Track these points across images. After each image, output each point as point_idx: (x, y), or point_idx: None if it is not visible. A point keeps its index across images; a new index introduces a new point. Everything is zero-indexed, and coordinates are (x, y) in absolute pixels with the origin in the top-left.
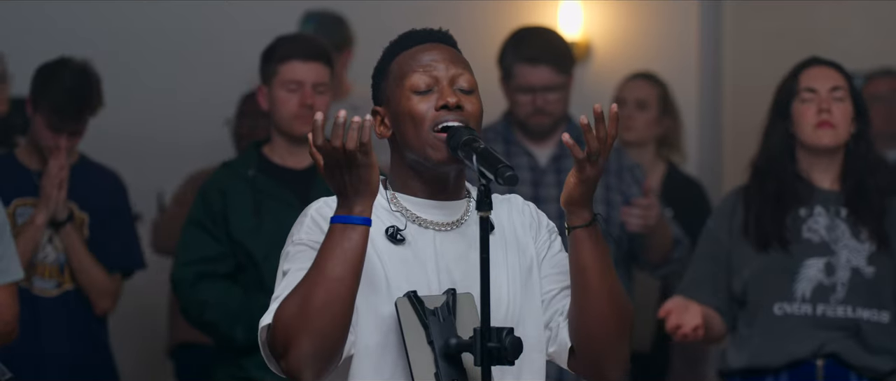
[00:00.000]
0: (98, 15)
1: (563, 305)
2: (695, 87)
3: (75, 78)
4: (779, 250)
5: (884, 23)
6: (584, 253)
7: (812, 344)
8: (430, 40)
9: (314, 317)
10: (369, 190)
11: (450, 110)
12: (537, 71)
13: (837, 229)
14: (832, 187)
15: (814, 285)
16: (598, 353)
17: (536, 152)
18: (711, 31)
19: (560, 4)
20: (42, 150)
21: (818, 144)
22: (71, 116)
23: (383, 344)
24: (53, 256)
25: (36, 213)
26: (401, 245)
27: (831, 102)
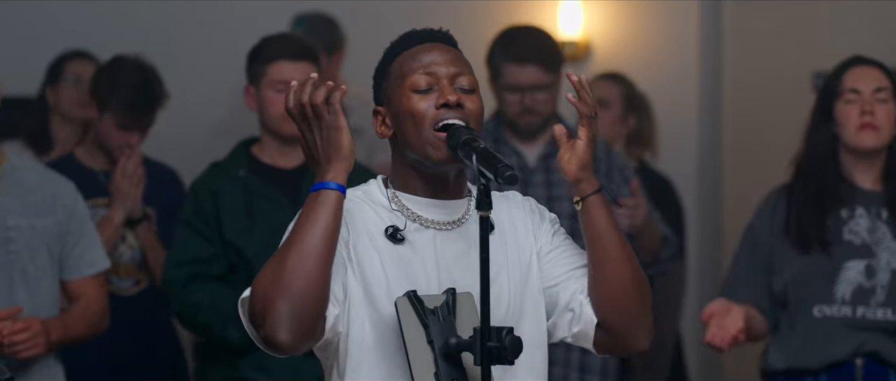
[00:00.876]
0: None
1: (581, 284)
2: (695, 87)
3: (138, 74)
4: (819, 252)
5: (884, 22)
6: (600, 219)
7: (851, 345)
8: (431, 40)
9: (287, 279)
10: (340, 155)
11: (450, 109)
12: (525, 70)
13: (878, 230)
14: (874, 188)
15: (854, 287)
16: (626, 320)
17: (525, 152)
18: (711, 31)
19: (560, 4)
20: (104, 150)
21: (861, 146)
22: (143, 113)
23: (382, 343)
24: (129, 254)
25: (112, 212)
26: (401, 244)
27: (875, 103)
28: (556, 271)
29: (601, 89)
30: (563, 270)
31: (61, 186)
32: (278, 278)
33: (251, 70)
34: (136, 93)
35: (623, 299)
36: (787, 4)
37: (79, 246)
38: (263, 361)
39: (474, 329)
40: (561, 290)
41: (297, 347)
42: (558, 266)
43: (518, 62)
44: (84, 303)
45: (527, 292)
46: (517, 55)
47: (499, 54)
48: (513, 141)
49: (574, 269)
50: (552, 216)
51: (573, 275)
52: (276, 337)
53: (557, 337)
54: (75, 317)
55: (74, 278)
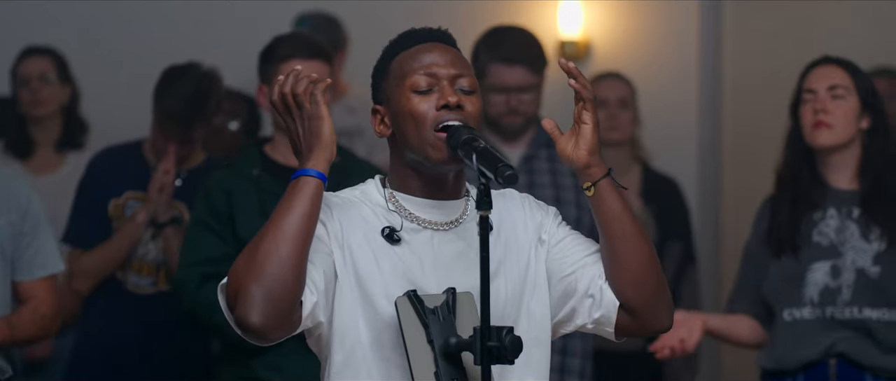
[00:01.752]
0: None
1: (597, 269)
2: (695, 87)
3: (194, 86)
4: (790, 257)
5: (884, 22)
6: (613, 201)
7: (822, 345)
8: (431, 40)
9: (261, 263)
10: (321, 143)
11: (450, 110)
12: (513, 71)
13: (847, 230)
14: (849, 187)
15: (820, 288)
16: (648, 297)
17: (507, 153)
18: (711, 31)
19: (560, 4)
20: (158, 149)
21: (816, 145)
22: (181, 125)
23: (378, 343)
24: (154, 254)
25: (139, 210)
26: (397, 245)
27: (828, 100)
28: (570, 260)
29: (620, 88)
30: (577, 257)
31: (16, 185)
32: (252, 261)
33: (264, 69)
34: (180, 104)
35: (644, 276)
36: (787, 4)
37: (32, 247)
38: (276, 361)
39: (474, 329)
40: (578, 278)
41: (271, 331)
42: (571, 255)
43: (506, 63)
44: (33, 305)
45: (525, 290)
46: (505, 56)
47: (485, 54)
48: (495, 141)
49: (588, 255)
50: (554, 210)
51: (587, 262)
52: (248, 320)
53: (576, 325)
54: (23, 319)
55: (26, 279)
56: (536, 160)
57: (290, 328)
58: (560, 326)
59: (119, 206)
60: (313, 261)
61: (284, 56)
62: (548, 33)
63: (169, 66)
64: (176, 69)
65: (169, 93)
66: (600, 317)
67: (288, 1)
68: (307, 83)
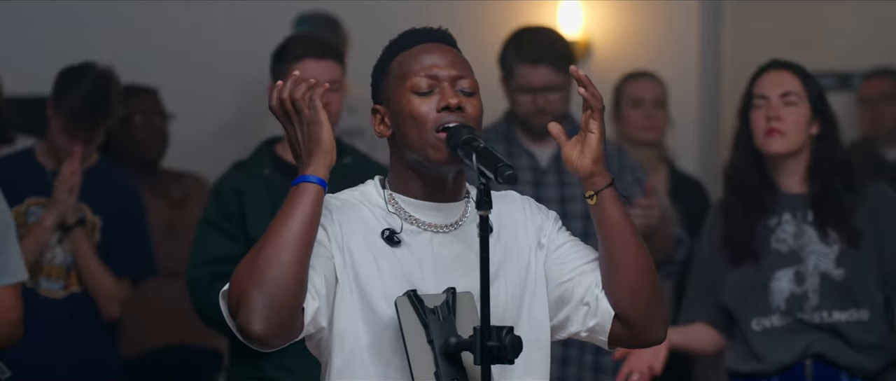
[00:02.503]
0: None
1: (594, 278)
2: (695, 87)
3: (96, 84)
4: (751, 265)
5: (884, 22)
6: (615, 212)
7: (797, 347)
8: (431, 40)
9: (262, 270)
10: (320, 149)
11: (451, 112)
12: (538, 71)
13: (805, 234)
14: (800, 190)
15: (786, 295)
16: (643, 310)
17: (537, 152)
18: (711, 30)
19: (560, 4)
20: (58, 151)
21: (768, 152)
22: (87, 123)
23: (377, 345)
24: (61, 257)
25: (45, 214)
26: (397, 247)
27: (781, 108)
28: (568, 267)
29: (655, 89)
30: (575, 264)
31: None
32: (253, 268)
33: (276, 69)
34: (85, 102)
35: (640, 289)
36: (787, 4)
37: (2, 255)
38: (287, 361)
39: (474, 329)
40: (575, 285)
41: (272, 339)
42: (569, 262)
43: (531, 63)
44: (0, 312)
45: (525, 292)
46: (530, 56)
47: (512, 55)
48: (525, 141)
49: (585, 263)
50: (554, 214)
51: (585, 269)
52: (250, 328)
53: (570, 332)
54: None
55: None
56: None
57: (293, 335)
58: (553, 332)
59: (21, 213)
60: (314, 266)
61: (297, 56)
62: None
63: (64, 67)
64: (72, 70)
65: (70, 92)
66: (595, 326)
67: (288, 1)
68: (305, 88)
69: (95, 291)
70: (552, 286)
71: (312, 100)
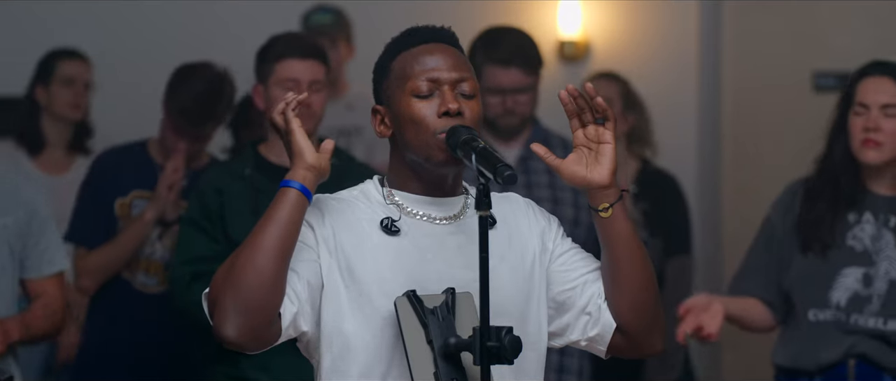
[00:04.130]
0: (92, 15)
1: (597, 288)
2: (695, 87)
3: (207, 84)
4: (819, 255)
5: (884, 22)
6: (625, 225)
7: (842, 347)
8: (433, 40)
9: (237, 274)
10: (297, 154)
11: (451, 117)
12: (509, 73)
13: (882, 238)
14: (888, 193)
15: (850, 294)
16: (645, 322)
17: (503, 153)
18: (711, 30)
19: (559, 4)
20: (167, 148)
21: (863, 161)
22: (193, 123)
23: (379, 339)
24: (160, 253)
25: (146, 209)
26: (396, 236)
27: (881, 118)
28: (572, 275)
29: (602, 89)
30: (580, 273)
31: (24, 184)
32: (230, 273)
33: (260, 69)
34: (194, 101)
35: (643, 303)
36: (787, 4)
37: (40, 245)
38: (265, 361)
39: (474, 329)
40: (578, 294)
41: (247, 343)
42: (574, 270)
43: (501, 65)
44: (44, 301)
45: (530, 291)
46: (500, 58)
47: (481, 55)
48: (491, 142)
49: (588, 272)
50: (556, 220)
51: (588, 279)
52: (223, 331)
53: (568, 339)
54: (36, 316)
55: (35, 276)
56: (533, 160)
57: (270, 339)
58: (551, 338)
59: (125, 205)
60: (297, 270)
61: (280, 55)
62: (547, 33)
63: (181, 64)
64: (188, 67)
65: (182, 90)
66: (595, 336)
67: (289, 1)
68: (282, 106)
69: None
70: (554, 292)
71: (285, 113)
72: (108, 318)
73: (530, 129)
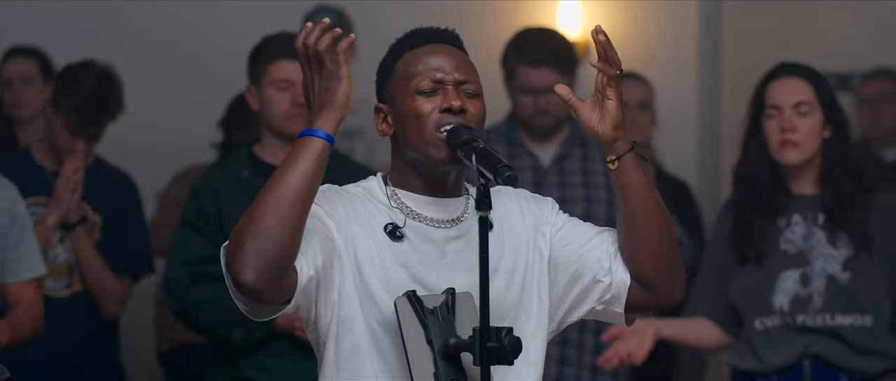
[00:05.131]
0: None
1: (602, 250)
2: (694, 86)
3: (97, 82)
4: (757, 264)
5: (884, 23)
6: (636, 175)
7: (796, 349)
8: (437, 41)
9: (258, 219)
10: (334, 103)
11: (453, 114)
12: (540, 72)
13: (813, 237)
14: (812, 192)
15: (791, 297)
16: (665, 269)
17: (539, 153)
18: (711, 30)
19: (559, 4)
20: (58, 150)
21: (783, 162)
22: (90, 121)
23: (380, 340)
24: (64, 256)
25: (47, 213)
26: (400, 242)
27: (795, 118)
28: (574, 246)
29: (640, 91)
30: (580, 242)
31: (3, 188)
32: (249, 219)
33: (253, 70)
34: (87, 99)
35: (662, 251)
36: (786, 4)
37: (19, 249)
38: (265, 361)
39: (474, 329)
40: (585, 263)
41: (264, 290)
42: (574, 241)
43: (532, 64)
44: (25, 306)
45: (524, 287)
46: (531, 57)
47: (513, 56)
48: (527, 142)
49: (590, 239)
50: (551, 200)
51: (591, 245)
52: (241, 276)
53: (586, 309)
54: (20, 320)
55: (13, 281)
56: (569, 160)
57: (284, 292)
58: (571, 312)
59: None
60: (312, 241)
61: (273, 56)
62: None
63: (65, 65)
64: (73, 68)
65: (74, 90)
66: (610, 297)
67: (292, 1)
68: (329, 39)
69: (98, 289)
70: (562, 269)
71: (335, 53)
72: None
73: (568, 128)
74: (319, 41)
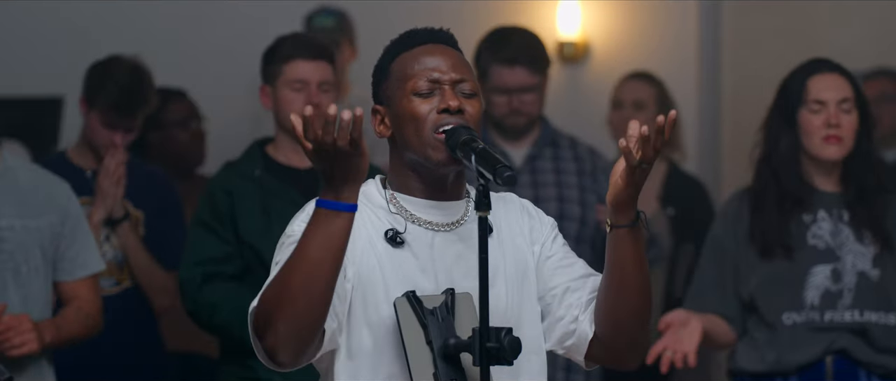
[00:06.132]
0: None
1: (578, 296)
2: (694, 86)
3: (129, 75)
4: (783, 258)
5: (884, 22)
6: (625, 251)
7: (820, 346)
8: (432, 41)
9: (291, 298)
10: (358, 177)
11: (451, 114)
12: (514, 72)
13: (841, 233)
14: (834, 190)
15: (821, 292)
16: (625, 342)
17: (511, 153)
18: (711, 30)
19: (559, 4)
20: (95, 149)
21: (825, 157)
22: (127, 113)
23: (380, 347)
24: (111, 253)
25: (93, 211)
26: (400, 248)
27: (840, 114)
28: (554, 282)
29: (638, 90)
30: (562, 280)
31: (56, 186)
32: (283, 297)
33: (267, 70)
34: (122, 92)
35: (628, 324)
36: (786, 4)
37: (73, 248)
38: None
39: (473, 330)
40: (558, 301)
41: (297, 364)
42: (556, 276)
43: (507, 64)
44: (77, 304)
45: (524, 296)
46: (506, 57)
47: (487, 56)
48: (499, 142)
49: (572, 280)
50: (552, 221)
51: (571, 287)
52: (277, 356)
53: (547, 346)
54: (68, 319)
55: (68, 279)
56: (540, 160)
57: (313, 356)
58: None
59: None
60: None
61: (288, 56)
62: (547, 34)
63: (93, 63)
64: (103, 63)
65: (108, 85)
66: (571, 345)
67: (292, 1)
68: (348, 134)
69: (149, 284)
70: (538, 296)
71: (355, 141)
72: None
73: (539, 128)
74: (340, 138)
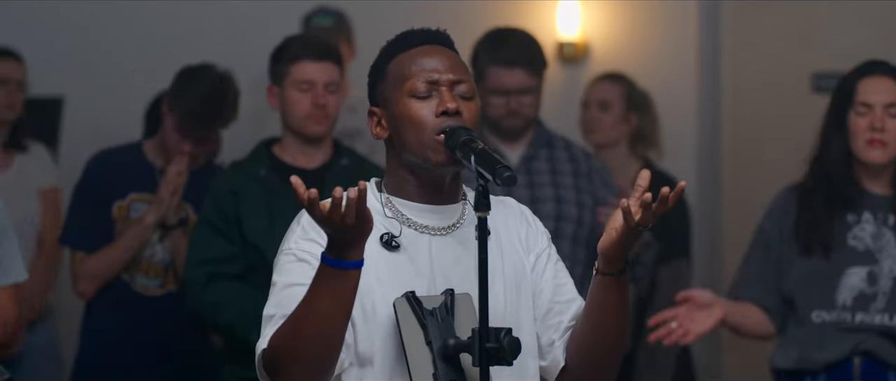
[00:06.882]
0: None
1: (556, 322)
2: (694, 87)
3: (213, 86)
4: (821, 257)
5: (884, 23)
6: (609, 297)
7: (848, 346)
8: (429, 42)
9: (304, 348)
10: (364, 237)
11: (450, 116)
12: (512, 74)
13: (883, 237)
14: (884, 192)
15: (855, 293)
16: (595, 376)
17: (507, 153)
18: (710, 31)
19: (559, 4)
20: (168, 149)
21: (868, 161)
22: (200, 124)
23: (380, 350)
24: (161, 255)
25: (147, 212)
26: (396, 252)
27: (885, 118)
28: (542, 299)
29: (601, 90)
30: (548, 298)
31: None
32: (295, 345)
33: (275, 70)
34: (201, 102)
35: (601, 360)
36: (786, 5)
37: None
38: None
39: (473, 330)
40: (540, 320)
41: None
42: (544, 292)
43: (505, 65)
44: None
45: (521, 299)
46: (504, 58)
47: (484, 57)
48: (495, 143)
49: (558, 302)
50: (548, 234)
51: (554, 309)
52: None
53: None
54: None
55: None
56: (536, 161)
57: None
58: None
59: (123, 208)
60: None
61: (296, 57)
62: (546, 34)
63: (183, 66)
64: (193, 69)
65: (189, 92)
66: (546, 367)
67: (292, 1)
68: (355, 210)
69: None
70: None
71: (362, 212)
72: (107, 320)
73: (534, 130)
74: (346, 216)
